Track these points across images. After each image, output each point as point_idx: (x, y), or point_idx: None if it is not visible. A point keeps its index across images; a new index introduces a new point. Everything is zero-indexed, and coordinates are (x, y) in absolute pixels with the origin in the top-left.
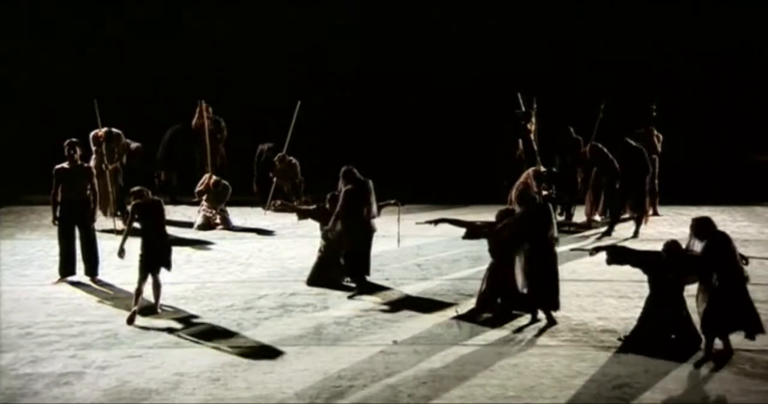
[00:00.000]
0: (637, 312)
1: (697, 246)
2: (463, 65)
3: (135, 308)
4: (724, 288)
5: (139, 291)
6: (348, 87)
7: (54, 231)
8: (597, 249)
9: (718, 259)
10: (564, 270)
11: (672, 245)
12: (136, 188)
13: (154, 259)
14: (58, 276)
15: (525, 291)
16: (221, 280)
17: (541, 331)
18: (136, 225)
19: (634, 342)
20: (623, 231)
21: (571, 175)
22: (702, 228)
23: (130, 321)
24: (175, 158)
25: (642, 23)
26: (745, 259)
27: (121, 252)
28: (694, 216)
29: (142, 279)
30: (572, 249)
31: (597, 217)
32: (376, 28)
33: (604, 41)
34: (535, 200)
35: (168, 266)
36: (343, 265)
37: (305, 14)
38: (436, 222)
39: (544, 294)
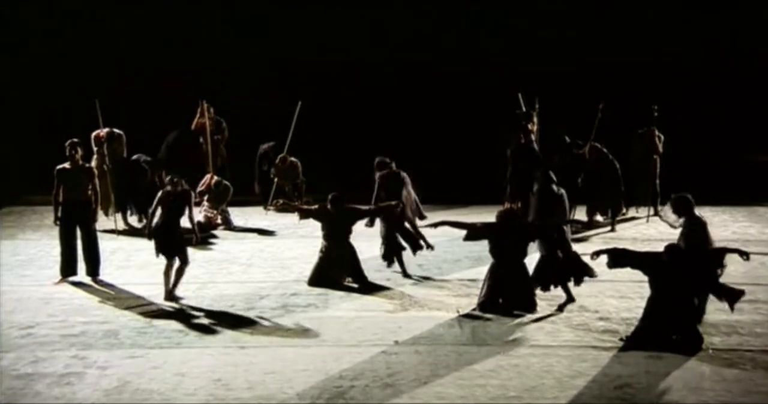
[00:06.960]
0: (638, 313)
1: (671, 217)
2: (463, 65)
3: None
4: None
5: (164, 273)
6: (348, 87)
7: (55, 231)
8: (598, 253)
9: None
10: None
11: (673, 248)
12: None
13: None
14: (60, 277)
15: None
16: (222, 281)
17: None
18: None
19: (636, 343)
20: (623, 232)
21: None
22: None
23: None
24: (176, 159)
25: (643, 23)
26: (746, 255)
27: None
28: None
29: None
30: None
31: (598, 217)
32: (376, 28)
33: (603, 41)
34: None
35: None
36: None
37: (304, 13)
38: (436, 225)
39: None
